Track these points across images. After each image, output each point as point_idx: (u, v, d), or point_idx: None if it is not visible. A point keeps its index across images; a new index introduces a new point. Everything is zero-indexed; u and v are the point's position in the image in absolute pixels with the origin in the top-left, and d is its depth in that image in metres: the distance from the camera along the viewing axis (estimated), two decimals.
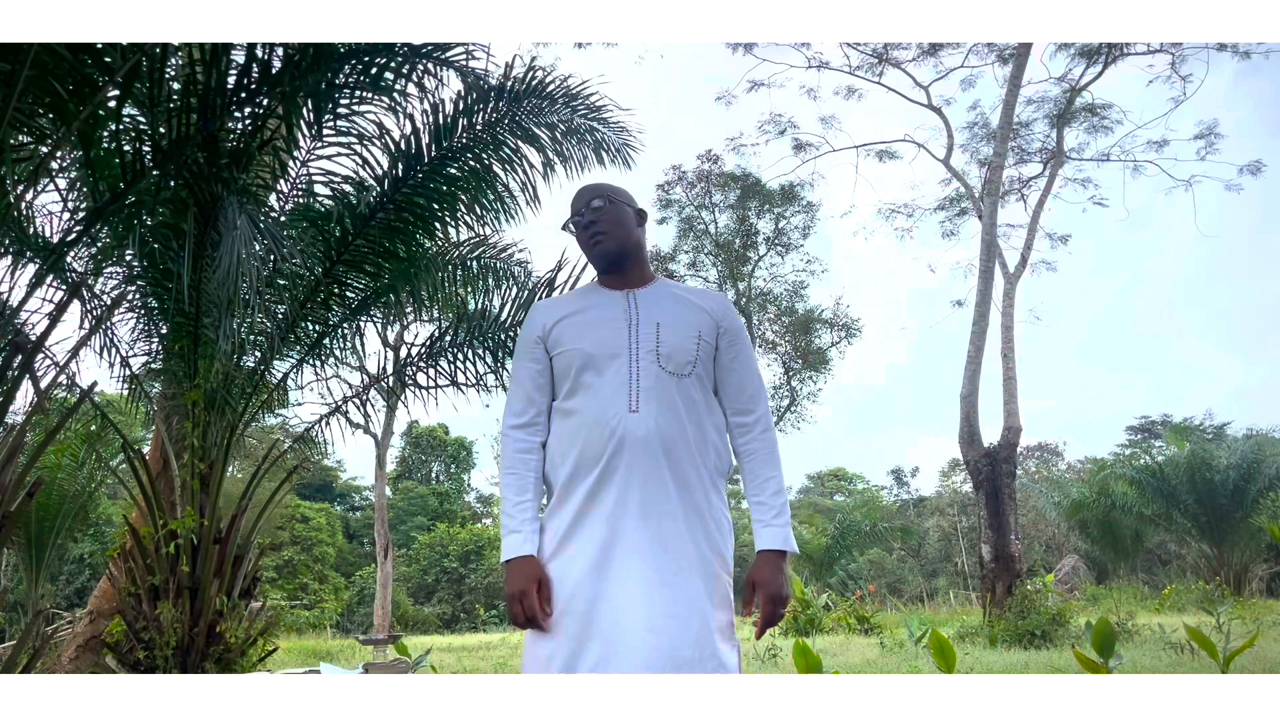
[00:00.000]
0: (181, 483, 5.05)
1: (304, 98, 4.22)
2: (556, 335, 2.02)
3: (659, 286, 2.10)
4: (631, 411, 1.87)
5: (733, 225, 24.91)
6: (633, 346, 1.94)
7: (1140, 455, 24.45)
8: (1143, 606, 16.81)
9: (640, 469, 1.84)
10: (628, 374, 1.91)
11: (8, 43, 2.79)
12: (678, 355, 1.94)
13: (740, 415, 2.02)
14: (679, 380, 1.92)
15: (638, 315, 1.99)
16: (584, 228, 2.07)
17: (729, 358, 2.04)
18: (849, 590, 23.71)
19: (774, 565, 1.87)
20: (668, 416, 1.88)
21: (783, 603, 1.85)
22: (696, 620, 1.75)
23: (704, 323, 2.02)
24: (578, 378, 1.95)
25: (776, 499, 1.94)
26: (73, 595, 21.70)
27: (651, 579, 1.76)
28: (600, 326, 1.99)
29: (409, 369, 6.21)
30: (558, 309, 2.07)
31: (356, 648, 14.18)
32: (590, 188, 2.14)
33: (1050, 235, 20.01)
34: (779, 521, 1.91)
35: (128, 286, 5.33)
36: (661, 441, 1.86)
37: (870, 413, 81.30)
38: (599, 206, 2.06)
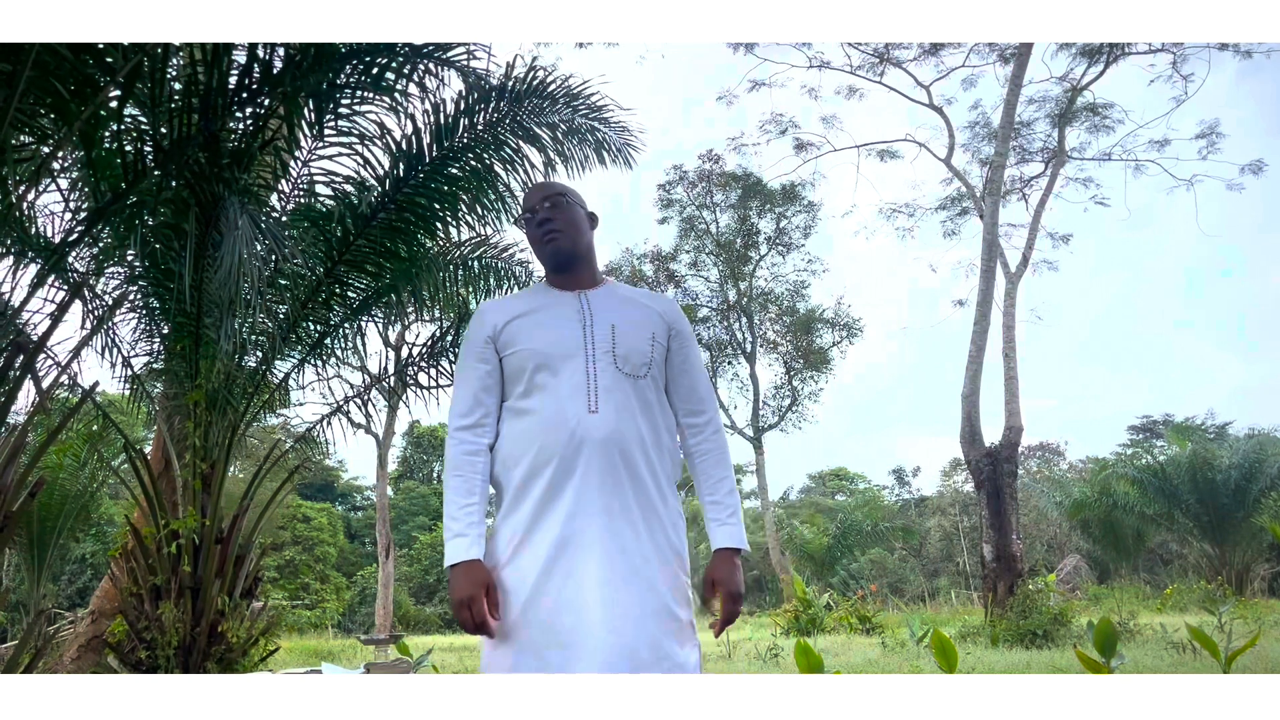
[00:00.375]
0: (183, 482, 5.06)
1: (305, 98, 4.22)
2: (508, 335, 1.98)
3: (609, 288, 2.10)
4: (591, 412, 1.86)
5: (734, 225, 24.93)
6: (589, 347, 1.93)
7: (1142, 455, 24.41)
8: (1145, 606, 16.81)
9: (598, 469, 1.83)
10: (585, 374, 1.90)
11: (9, 43, 2.79)
12: (634, 356, 1.95)
13: (691, 416, 2.04)
14: (635, 381, 1.93)
15: (591, 316, 1.98)
16: (538, 224, 2.05)
17: (679, 360, 2.05)
18: (850, 590, 23.71)
19: (731, 563, 1.89)
20: (626, 417, 1.88)
21: (739, 600, 1.88)
22: (654, 620, 1.75)
23: (657, 325, 2.03)
24: (533, 378, 1.92)
25: (730, 498, 1.97)
26: (75, 595, 21.73)
27: (610, 579, 1.75)
28: (554, 327, 1.97)
29: (410, 369, 6.22)
30: (508, 309, 2.03)
31: (358, 647, 14.18)
32: (545, 185, 2.13)
33: (1052, 235, 20.05)
34: (733, 520, 1.94)
35: (129, 287, 5.33)
36: (620, 442, 1.85)
37: (871, 412, 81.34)
38: (553, 204, 2.05)
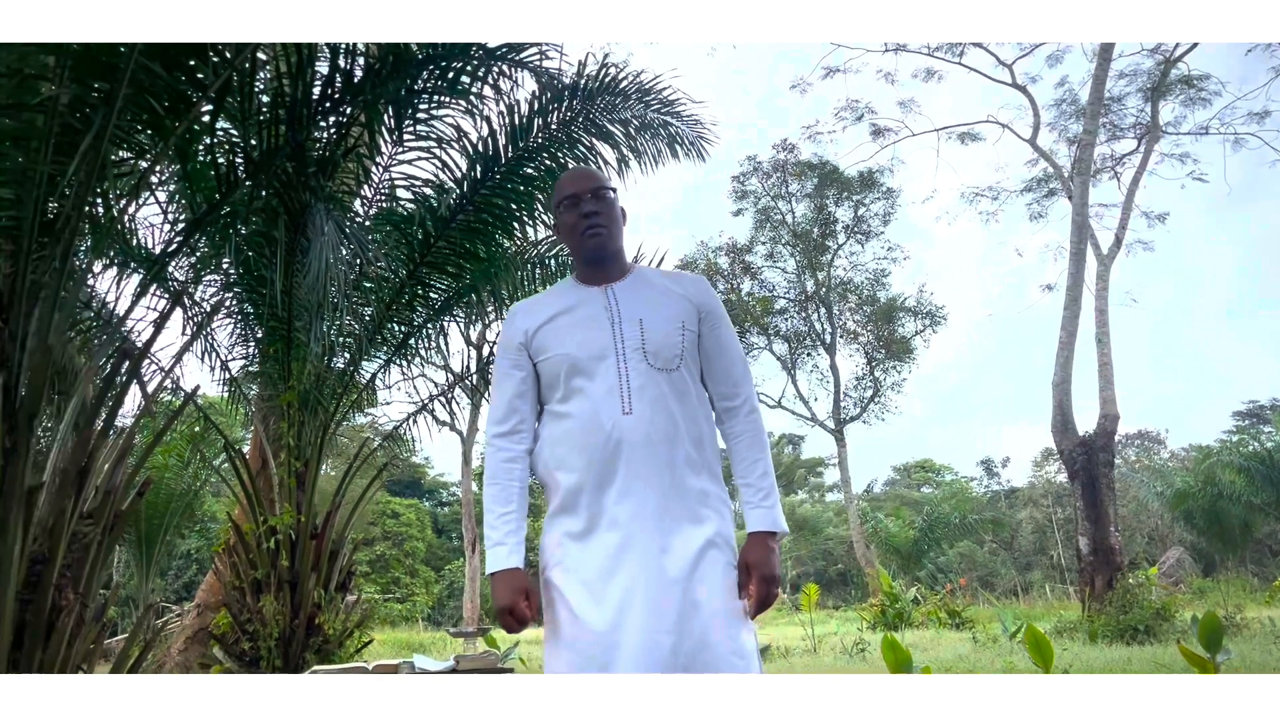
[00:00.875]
0: (279, 480, 5.24)
1: (385, 104, 4.32)
2: (540, 341, 1.98)
3: (636, 277, 2.05)
4: (625, 413, 1.85)
5: (810, 214, 24.59)
6: (618, 346, 1.91)
7: (1248, 441, 23.24)
8: (1252, 599, 16.02)
9: (640, 470, 1.83)
10: (617, 375, 1.89)
11: (106, 60, 2.93)
12: (664, 350, 1.92)
13: (726, 399, 1.99)
14: (668, 375, 1.91)
15: (619, 313, 1.96)
16: (583, 214, 2.00)
17: (711, 342, 2.00)
18: (938, 584, 23.20)
19: (765, 546, 1.85)
20: (662, 414, 1.87)
21: (775, 583, 1.84)
22: (704, 614, 1.74)
23: (685, 311, 1.99)
24: (568, 382, 1.92)
25: (764, 480, 1.92)
26: (181, 589, 22.76)
27: (659, 579, 1.75)
28: (583, 328, 1.95)
29: (491, 367, 6.32)
30: (537, 313, 2.03)
31: (447, 640, 14.51)
32: (590, 174, 2.08)
33: (1146, 214, 19.23)
34: (768, 503, 1.90)
35: (225, 293, 5.55)
36: (658, 440, 1.84)
37: (957, 402, 79.39)
38: (600, 198, 2.01)
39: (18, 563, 2.65)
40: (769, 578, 1.83)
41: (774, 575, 1.83)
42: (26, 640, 2.69)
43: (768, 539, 1.86)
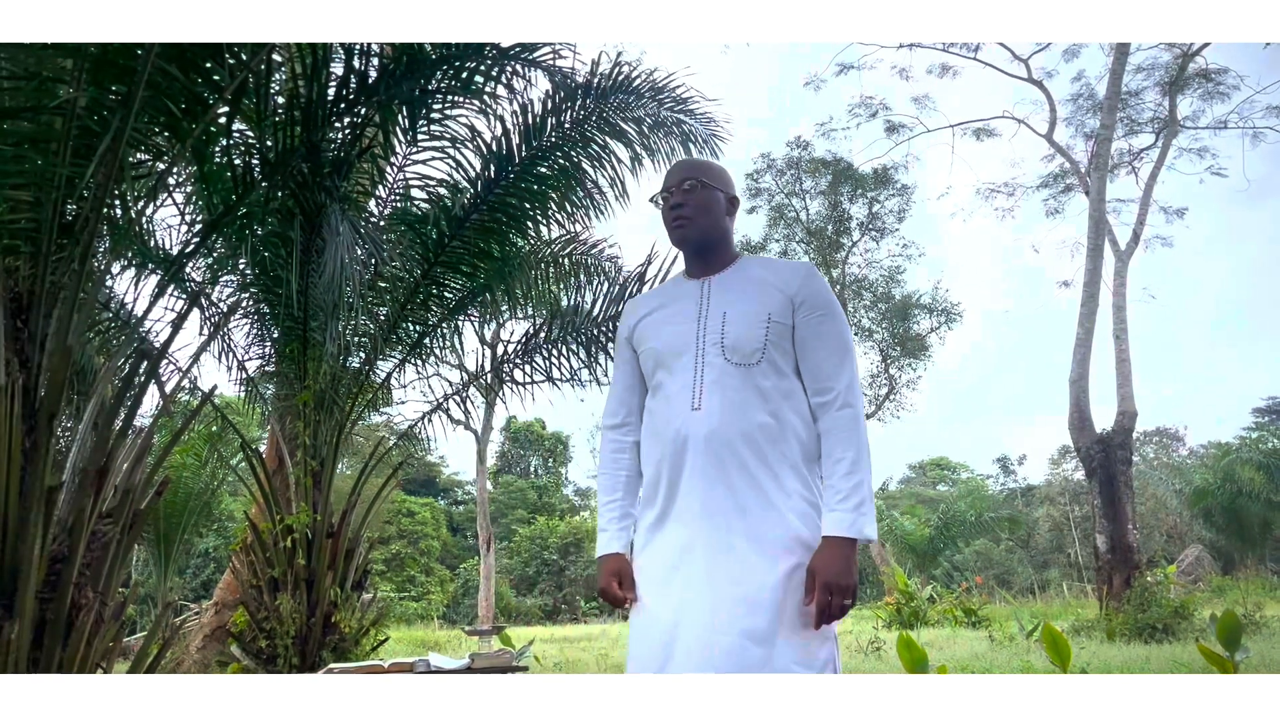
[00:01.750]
0: (295, 480, 5.27)
1: (399, 105, 4.34)
2: (640, 334, 2.04)
3: (737, 269, 2.02)
4: (694, 410, 1.84)
5: (824, 211, 24.49)
6: (700, 341, 1.91)
7: (1268, 438, 23.04)
8: (1271, 598, 15.88)
9: (702, 468, 1.81)
10: (693, 370, 1.89)
11: (123, 63, 2.95)
12: (743, 345, 1.87)
13: (818, 395, 1.89)
14: (747, 370, 1.86)
15: (708, 307, 1.95)
16: (671, 207, 2.01)
17: (806, 333, 1.91)
18: (954, 582, 23.10)
19: (833, 551, 1.74)
20: (732, 410, 1.83)
21: (842, 592, 1.72)
22: (765, 616, 1.69)
23: (775, 303, 1.91)
24: (653, 377, 1.98)
25: (846, 481, 1.80)
26: (199, 588, 22.92)
27: (717, 580, 1.74)
28: (672, 323, 1.97)
29: (506, 366, 6.34)
30: (641, 307, 2.08)
31: (462, 638, 14.57)
32: (686, 165, 2.07)
33: (1165, 209, 19.04)
34: (845, 505, 1.77)
35: (242, 294, 5.59)
36: (726, 437, 1.81)
37: (973, 400, 78.93)
38: (689, 189, 2.00)
39: (37, 562, 2.68)
40: (833, 586, 1.72)
41: (838, 584, 1.72)
42: (46, 639, 2.72)
43: (840, 544, 1.75)
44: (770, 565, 1.74)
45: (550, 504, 38.85)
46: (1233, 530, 23.01)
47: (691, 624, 1.72)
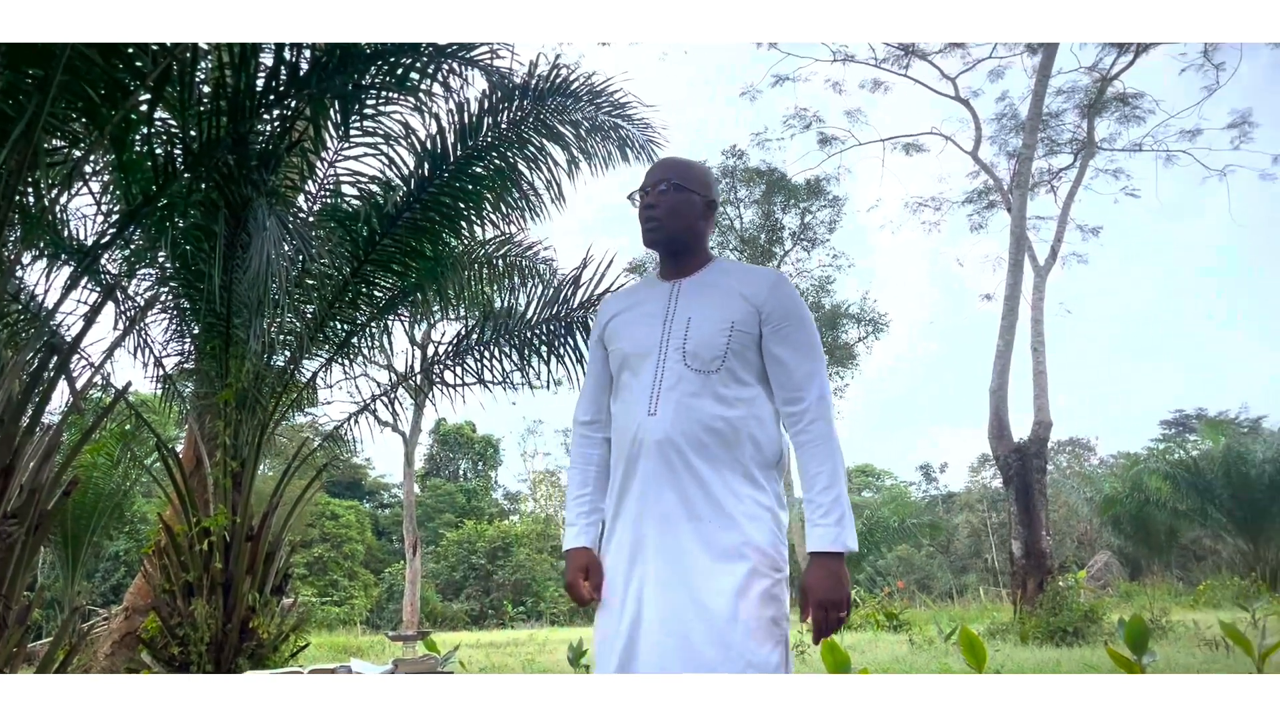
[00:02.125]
0: (214, 481, 5.12)
1: (331, 99, 4.26)
2: (609, 335, 2.05)
3: (708, 273, 2.01)
4: (650, 414, 1.85)
5: (758, 220, 24.82)
6: (663, 344, 1.91)
7: (1174, 450, 24.07)
8: (1177, 603, 16.58)
9: (655, 472, 1.82)
10: (653, 374, 1.89)
11: (41, 46, 2.84)
12: (704, 351, 1.86)
13: (788, 405, 1.89)
14: (705, 377, 1.85)
15: (674, 310, 1.95)
16: (643, 207, 2.01)
17: (774, 343, 1.90)
18: (877, 587, 23.58)
19: (823, 568, 1.74)
20: (686, 416, 1.82)
21: (836, 606, 1.73)
22: (716, 620, 1.70)
23: (740, 311, 1.90)
24: (619, 378, 2.00)
25: (826, 495, 1.79)
26: (108, 592, 22.07)
27: (670, 581, 1.75)
28: (640, 324, 1.98)
29: (436, 367, 6.26)
30: (617, 304, 2.09)
31: (386, 644, 14.31)
32: (664, 164, 2.06)
33: (1081, 227, 19.74)
34: (828, 520, 1.77)
35: (160, 288, 5.41)
36: (678, 442, 1.81)
37: (898, 408, 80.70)
38: (663, 190, 1.99)
39: None
40: (826, 602, 1.72)
41: (831, 599, 1.72)
42: None
43: (827, 560, 1.75)
44: (721, 569, 1.74)
45: (479, 508, 38.46)
46: (1140, 538, 23.99)
47: (647, 628, 1.74)
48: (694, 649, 1.68)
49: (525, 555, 31.61)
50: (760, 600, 1.73)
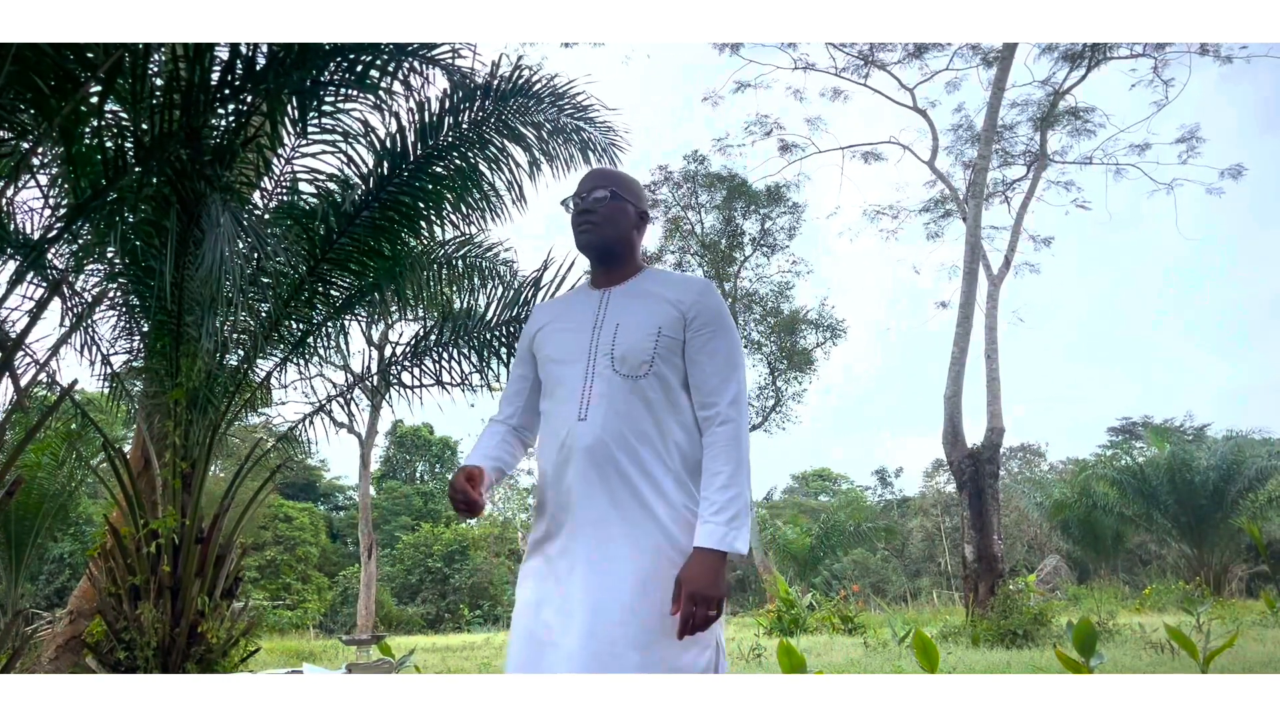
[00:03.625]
0: (163, 482, 5.01)
1: (288, 95, 4.19)
2: (538, 342, 2.07)
3: (637, 282, 2.04)
4: (580, 419, 1.87)
5: (719, 226, 24.94)
6: (592, 351, 1.94)
7: (1121, 456, 24.61)
8: (1123, 606, 16.94)
9: (583, 477, 1.84)
10: (583, 380, 1.91)
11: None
12: (632, 356, 1.90)
13: (703, 409, 1.92)
14: (634, 382, 1.88)
15: (603, 317, 1.98)
16: (579, 211, 2.04)
17: (694, 349, 1.94)
18: (833, 590, 23.77)
19: (701, 563, 1.75)
20: (617, 421, 1.85)
21: (706, 603, 1.72)
22: (642, 625, 1.72)
23: (667, 317, 1.94)
24: (546, 386, 2.02)
25: (721, 494, 1.82)
26: (52, 595, 21.49)
27: (596, 586, 1.75)
28: (568, 332, 2.01)
29: (394, 368, 6.19)
30: (546, 313, 2.12)
31: (340, 648, 14.11)
32: (599, 174, 2.09)
33: (1034, 237, 20.15)
34: (718, 518, 1.79)
35: (109, 284, 5.28)
36: (609, 448, 1.84)
37: (855, 413, 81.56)
38: (600, 197, 2.03)
39: None
40: (697, 595, 1.72)
41: (704, 594, 1.72)
42: None
43: (708, 556, 1.76)
44: (649, 573, 1.77)
45: (435, 510, 38.09)
46: (1088, 542, 24.47)
47: (568, 629, 1.73)
48: (618, 653, 1.69)
49: (482, 559, 31.38)
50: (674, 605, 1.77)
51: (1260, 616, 11.87)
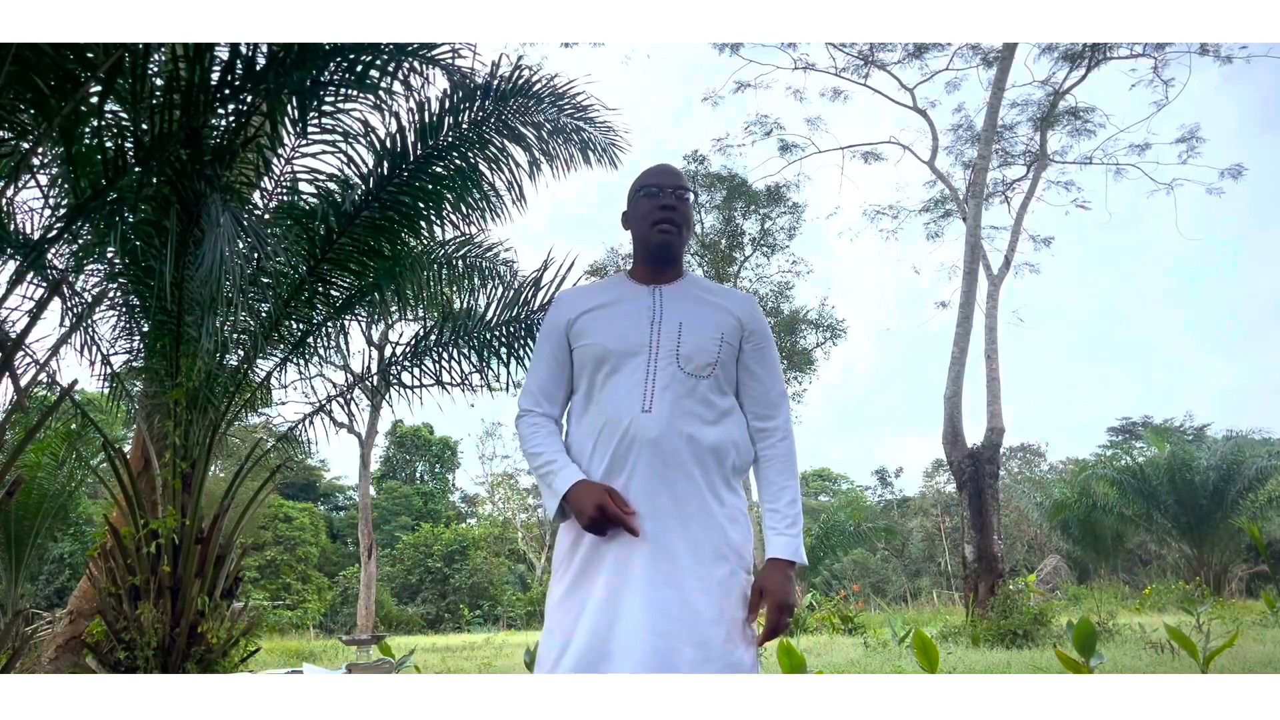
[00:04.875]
0: (163, 482, 5.01)
1: (288, 95, 4.19)
2: (581, 327, 2.00)
3: (687, 284, 2.07)
4: (644, 411, 1.85)
5: (719, 226, 24.94)
6: (653, 345, 1.92)
7: (1121, 456, 24.61)
8: (1123, 606, 16.95)
9: (646, 469, 1.82)
10: (645, 372, 1.89)
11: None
12: (698, 356, 1.91)
13: (761, 420, 1.99)
14: (697, 382, 1.90)
15: (662, 313, 1.97)
16: (662, 206, 2.02)
17: (753, 361, 2.00)
18: (833, 590, 23.79)
19: (781, 573, 1.84)
20: (680, 417, 1.86)
21: (789, 611, 1.83)
22: (700, 620, 1.73)
23: (728, 324, 1.98)
24: (596, 373, 1.94)
25: (791, 508, 1.92)
26: (53, 595, 21.50)
27: (655, 580, 1.75)
28: (624, 322, 1.97)
29: (394, 368, 6.19)
30: (584, 299, 2.05)
31: (340, 648, 14.11)
32: (677, 173, 2.09)
33: (1034, 237, 20.15)
34: (791, 531, 1.89)
35: (109, 284, 5.28)
36: (670, 442, 1.84)
37: (855, 413, 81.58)
38: (681, 198, 2.03)
39: None
40: (783, 606, 1.82)
41: (789, 604, 1.83)
42: None
43: (786, 567, 1.86)
44: (707, 571, 1.79)
45: (435, 510, 38.13)
46: (1088, 542, 24.46)
47: (627, 627, 1.72)
48: (676, 649, 1.70)
49: (482, 559, 31.39)
50: (739, 602, 1.81)
51: (1260, 616, 11.87)
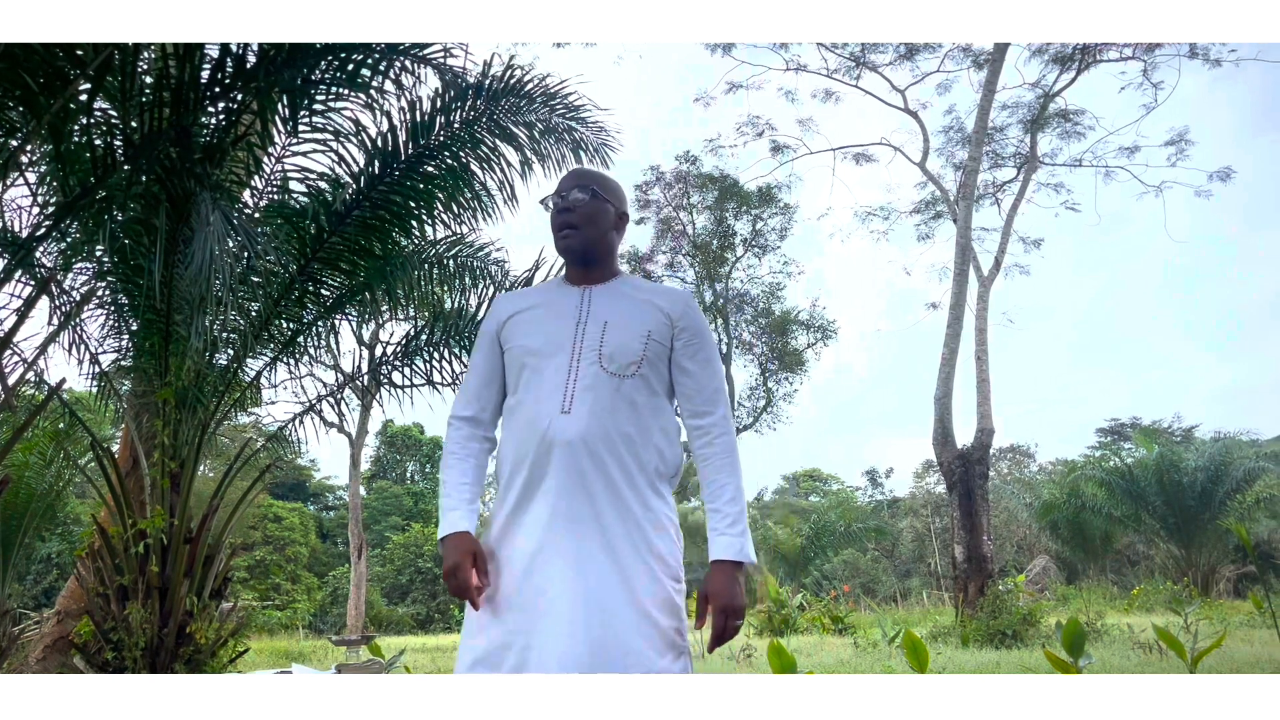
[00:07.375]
0: (151, 481, 4.99)
1: (279, 93, 4.17)
2: (509, 330, 1.98)
3: (618, 284, 2.03)
4: (563, 412, 1.81)
5: (710, 226, 24.99)
6: (576, 345, 1.89)
7: (1110, 457, 24.71)
8: (1112, 607, 17.03)
9: (564, 472, 1.78)
10: (567, 373, 1.86)
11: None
12: (620, 355, 1.87)
13: (696, 418, 1.93)
14: (620, 381, 1.85)
15: (588, 313, 1.94)
16: (559, 211, 1.99)
17: (685, 358, 1.94)
18: (823, 590, 23.83)
19: (727, 576, 1.78)
20: (601, 418, 1.81)
21: (736, 614, 1.76)
22: (624, 627, 1.69)
23: (656, 322, 1.93)
24: (519, 375, 1.92)
25: (732, 506, 1.84)
26: (40, 595, 21.37)
27: (576, 587, 1.71)
28: (549, 323, 1.94)
29: (384, 368, 6.17)
30: (515, 303, 2.03)
31: (329, 648, 14.06)
32: (581, 173, 2.06)
33: (1023, 239, 20.25)
34: (734, 530, 1.82)
35: (98, 282, 5.25)
36: (590, 444, 1.79)
37: (845, 414, 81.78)
38: (579, 198, 1.99)
39: None
40: (729, 609, 1.76)
41: (735, 607, 1.76)
42: None
43: (732, 568, 1.79)
44: (627, 577, 1.74)
45: (426, 510, 38.01)
46: (1077, 542, 24.59)
47: (546, 630, 1.69)
48: (595, 656, 1.65)
49: None
50: (663, 610, 1.75)
51: (1248, 617, 11.95)
